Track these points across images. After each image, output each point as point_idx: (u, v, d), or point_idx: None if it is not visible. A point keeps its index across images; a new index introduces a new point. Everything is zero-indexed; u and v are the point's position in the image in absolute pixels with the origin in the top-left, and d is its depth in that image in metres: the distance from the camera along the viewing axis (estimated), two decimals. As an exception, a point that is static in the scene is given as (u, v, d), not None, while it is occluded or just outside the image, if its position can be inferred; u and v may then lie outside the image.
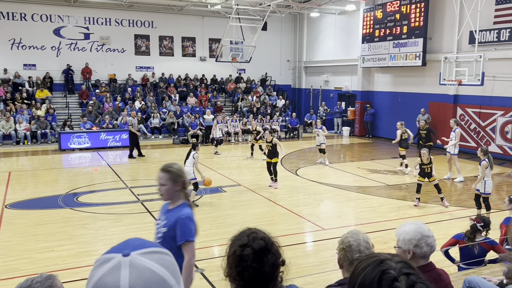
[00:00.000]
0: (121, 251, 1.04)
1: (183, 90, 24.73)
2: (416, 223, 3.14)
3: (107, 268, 1.01)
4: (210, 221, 9.49)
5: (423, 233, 3.03)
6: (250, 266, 1.89)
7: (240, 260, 1.91)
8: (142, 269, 1.00)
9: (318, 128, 15.81)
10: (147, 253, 1.05)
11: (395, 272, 1.15)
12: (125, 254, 1.03)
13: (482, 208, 9.55)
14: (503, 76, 16.14)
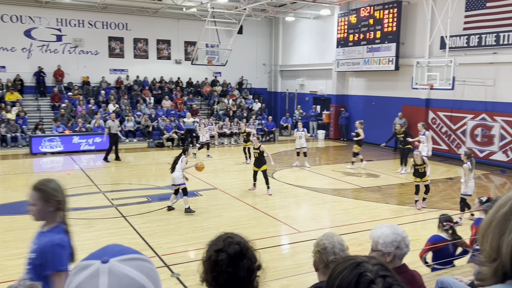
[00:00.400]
0: (100, 258, 1.02)
1: (158, 93, 24.50)
2: (391, 225, 3.19)
3: (85, 275, 0.99)
4: (186, 225, 9.42)
5: (401, 234, 3.09)
6: (225, 271, 1.88)
7: (215, 265, 1.91)
8: (121, 276, 0.98)
9: (300, 131, 15.88)
10: (127, 259, 1.03)
11: (371, 274, 1.16)
12: (104, 261, 1.00)
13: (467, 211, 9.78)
14: (473, 80, 16.60)
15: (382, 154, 18.95)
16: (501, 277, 1.35)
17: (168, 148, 20.10)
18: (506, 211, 1.36)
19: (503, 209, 1.38)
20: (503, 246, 1.33)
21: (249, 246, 1.95)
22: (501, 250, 1.33)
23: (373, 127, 21.17)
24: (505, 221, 1.35)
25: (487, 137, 16.44)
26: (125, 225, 9.33)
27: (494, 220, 1.39)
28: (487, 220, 1.41)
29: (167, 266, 7.23)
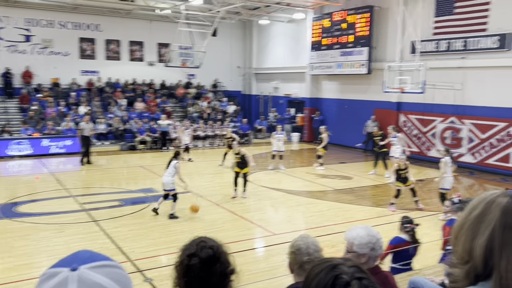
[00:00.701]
0: (69, 265, 0.98)
1: (131, 95, 24.16)
2: (366, 227, 3.21)
3: (53, 284, 0.95)
4: (159, 229, 9.29)
5: (376, 236, 3.12)
6: (198, 276, 1.85)
7: (187, 270, 1.87)
8: (91, 284, 0.95)
9: (279, 134, 15.88)
10: (97, 267, 0.99)
11: (347, 276, 1.16)
12: (73, 269, 0.97)
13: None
14: (442, 84, 17.01)
15: (354, 157, 19.20)
16: (473, 279, 1.37)
17: (141, 151, 19.82)
18: (478, 214, 1.37)
19: (475, 211, 1.39)
20: (475, 248, 1.34)
21: (222, 250, 1.92)
22: (474, 253, 1.34)
23: (346, 130, 21.45)
24: (478, 224, 1.36)
25: (456, 139, 16.87)
26: (96, 230, 9.13)
27: (466, 223, 1.40)
28: (460, 222, 1.42)
29: (140, 271, 7.11)
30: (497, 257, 1.30)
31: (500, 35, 15.14)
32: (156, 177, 14.45)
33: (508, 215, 1.32)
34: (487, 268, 1.33)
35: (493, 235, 1.32)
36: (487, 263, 1.32)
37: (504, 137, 15.34)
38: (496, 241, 1.31)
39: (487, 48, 15.56)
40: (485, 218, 1.35)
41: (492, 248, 1.31)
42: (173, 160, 10.19)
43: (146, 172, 15.44)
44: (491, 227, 1.33)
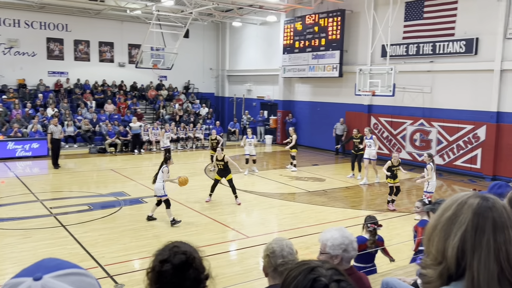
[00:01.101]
0: (33, 274, 0.92)
1: (101, 97, 23.70)
2: (340, 228, 3.21)
3: None
4: (130, 233, 9.11)
5: (349, 237, 3.12)
6: (170, 282, 1.80)
7: (159, 276, 1.82)
8: None
9: (250, 138, 15.76)
10: (62, 275, 0.94)
11: (326, 279, 1.16)
12: (37, 278, 0.91)
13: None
14: (412, 87, 17.38)
15: (327, 159, 19.39)
16: (446, 279, 1.37)
17: (111, 154, 19.45)
18: (451, 215, 1.38)
19: (447, 212, 1.40)
20: (448, 249, 1.35)
21: (196, 255, 1.86)
22: (446, 253, 1.35)
23: (319, 132, 21.64)
24: (450, 225, 1.37)
25: (425, 141, 17.25)
26: (65, 235, 8.87)
27: (439, 224, 1.41)
28: (433, 223, 1.44)
29: (111, 276, 6.94)
30: (469, 258, 1.31)
31: (467, 40, 15.59)
32: (127, 181, 14.21)
33: (479, 216, 1.33)
34: (460, 269, 1.34)
35: (465, 236, 1.33)
36: (460, 264, 1.33)
37: (471, 139, 15.78)
38: (468, 242, 1.32)
39: (454, 53, 16.00)
40: (457, 219, 1.36)
41: (464, 249, 1.33)
42: (162, 165, 9.91)
43: (116, 175, 15.15)
44: (463, 228, 1.34)
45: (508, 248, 1.31)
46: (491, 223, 1.33)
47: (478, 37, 15.34)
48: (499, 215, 1.34)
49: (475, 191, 1.46)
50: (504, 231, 1.33)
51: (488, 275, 1.29)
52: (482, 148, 15.43)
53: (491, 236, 1.31)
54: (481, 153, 15.49)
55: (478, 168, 15.58)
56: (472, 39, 15.41)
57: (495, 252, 1.30)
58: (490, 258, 1.30)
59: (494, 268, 1.29)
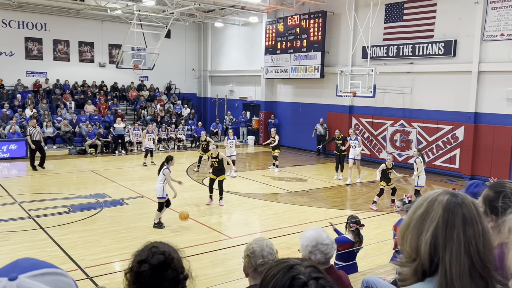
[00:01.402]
0: (8, 274, 0.90)
1: (80, 98, 23.38)
2: (316, 229, 3.24)
3: None
4: (110, 235, 9.00)
5: (318, 240, 3.13)
6: (148, 283, 1.79)
7: (137, 276, 1.80)
8: None
9: (231, 139, 15.56)
10: (38, 275, 0.92)
11: (304, 277, 1.17)
12: (12, 278, 0.89)
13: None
14: (392, 88, 17.60)
15: (309, 159, 19.49)
16: (421, 276, 1.42)
17: (91, 155, 19.20)
18: (423, 212, 1.43)
19: (419, 210, 1.45)
20: (421, 245, 1.40)
21: (175, 256, 1.85)
22: (420, 250, 1.40)
23: (301, 133, 21.74)
24: (422, 221, 1.42)
25: (405, 142, 17.48)
26: (44, 237, 8.72)
27: (412, 222, 1.46)
28: (406, 222, 1.49)
29: (90, 278, 6.85)
30: (441, 252, 1.36)
31: (445, 42, 15.86)
32: (107, 182, 14.05)
33: (449, 211, 1.39)
34: (433, 264, 1.39)
35: (437, 232, 1.38)
36: (433, 259, 1.38)
37: (450, 139, 16.06)
38: (440, 237, 1.37)
39: (433, 54, 16.26)
40: (428, 216, 1.42)
41: (436, 244, 1.38)
42: (163, 165, 9.74)
43: (96, 177, 14.96)
44: (434, 224, 1.39)
45: (477, 242, 1.36)
46: (460, 218, 1.38)
47: (457, 39, 15.63)
48: (468, 211, 1.39)
49: (445, 189, 1.51)
50: (473, 225, 1.38)
51: (460, 268, 1.34)
52: (461, 148, 15.72)
53: (461, 230, 1.37)
54: (460, 153, 15.77)
55: (457, 168, 15.86)
56: (451, 41, 15.70)
57: (466, 245, 1.35)
58: (461, 251, 1.34)
59: (465, 261, 1.34)
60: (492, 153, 14.88)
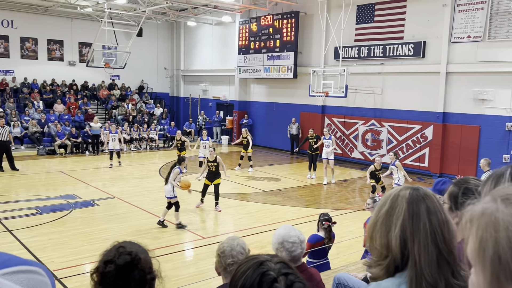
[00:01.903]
0: None
1: (49, 97, 22.81)
2: (286, 227, 3.26)
3: None
4: (81, 237, 8.82)
5: (284, 237, 3.15)
6: (114, 283, 1.75)
7: (103, 277, 1.77)
8: None
9: (205, 140, 15.28)
10: (11, 273, 0.87)
11: (274, 273, 1.17)
12: None
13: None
14: (363, 89, 17.87)
15: (282, 159, 19.58)
16: (393, 272, 1.44)
17: (61, 156, 18.76)
18: (388, 209, 1.48)
19: (384, 207, 1.50)
20: (391, 241, 1.44)
21: (141, 256, 1.81)
22: (391, 246, 1.43)
23: (274, 133, 21.82)
24: (389, 218, 1.47)
25: (376, 141, 17.78)
26: (11, 240, 8.47)
27: (378, 220, 1.50)
28: (372, 222, 1.53)
29: (59, 280, 6.70)
30: (410, 244, 1.41)
31: (415, 43, 16.21)
32: (77, 183, 13.76)
33: (413, 204, 1.45)
34: (404, 258, 1.43)
35: (404, 224, 1.43)
36: (404, 253, 1.43)
37: (419, 138, 16.43)
38: (407, 229, 1.43)
39: (403, 55, 16.59)
40: (394, 211, 1.47)
41: (405, 237, 1.43)
42: (175, 165, 9.64)
43: (66, 177, 14.63)
44: (401, 218, 1.45)
45: (443, 230, 1.43)
46: (425, 209, 1.44)
47: (426, 40, 15.99)
48: (430, 201, 1.46)
49: (405, 185, 1.58)
50: (437, 214, 1.44)
51: (428, 257, 1.39)
52: (430, 147, 16.10)
53: (426, 220, 1.43)
54: (429, 152, 16.15)
55: (426, 166, 16.24)
56: (420, 42, 16.05)
57: (432, 234, 1.41)
58: (428, 241, 1.40)
59: (433, 250, 1.40)
60: (459, 151, 15.30)
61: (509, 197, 0.68)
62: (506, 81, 14.01)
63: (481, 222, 0.69)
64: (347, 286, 3.48)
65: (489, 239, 0.67)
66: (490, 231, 0.67)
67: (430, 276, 1.37)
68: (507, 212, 0.67)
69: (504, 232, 0.65)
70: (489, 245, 0.67)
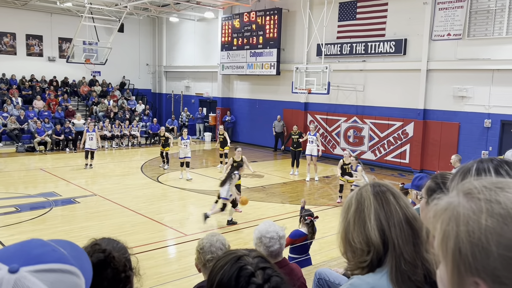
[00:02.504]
0: (11, 261, 0.79)
1: (28, 93, 22.41)
2: (266, 223, 3.28)
3: None
4: (61, 235, 8.69)
5: (262, 232, 3.17)
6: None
7: None
8: None
9: (186, 139, 14.78)
10: (42, 271, 0.81)
11: (252, 267, 1.18)
12: (12, 270, 0.78)
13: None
14: (345, 86, 18.00)
15: (265, 155, 19.61)
16: (376, 265, 1.46)
17: (40, 153, 18.46)
18: (356, 207, 1.53)
19: (352, 207, 1.54)
20: (370, 233, 1.46)
21: (115, 254, 1.77)
22: (371, 238, 1.45)
23: (257, 129, 21.83)
24: (360, 214, 1.51)
25: (358, 138, 17.94)
26: (-12, 239, 8.32)
27: (350, 221, 1.53)
28: (343, 225, 1.55)
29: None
30: (387, 230, 1.46)
31: (396, 41, 16.38)
32: (58, 180, 13.57)
33: (378, 194, 1.52)
34: (386, 246, 1.46)
35: (377, 214, 1.48)
36: (384, 241, 1.46)
37: (400, 135, 16.63)
38: (381, 216, 1.47)
39: (385, 53, 16.75)
40: (363, 206, 1.51)
41: (382, 225, 1.46)
42: (234, 170, 10.07)
43: (46, 175, 14.41)
44: (372, 209, 1.49)
45: (411, 209, 1.51)
46: (390, 195, 1.52)
47: (407, 38, 16.17)
48: (391, 188, 1.55)
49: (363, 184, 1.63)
50: (402, 198, 1.53)
51: (405, 236, 1.45)
52: (411, 143, 16.31)
53: (395, 203, 1.50)
54: (410, 148, 16.36)
55: (407, 162, 16.45)
56: (401, 39, 16.22)
57: (404, 215, 1.48)
58: (402, 221, 1.47)
59: (408, 229, 1.46)
60: (439, 148, 15.54)
61: (471, 191, 0.70)
62: (485, 78, 14.28)
63: (445, 217, 0.71)
64: (328, 281, 3.50)
65: (451, 232, 0.69)
66: (452, 225, 0.69)
67: (408, 255, 1.43)
68: (468, 207, 0.69)
69: (464, 226, 0.67)
70: (451, 239, 0.69)
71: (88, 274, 0.96)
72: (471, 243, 0.66)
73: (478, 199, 0.67)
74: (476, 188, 0.69)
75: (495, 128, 14.27)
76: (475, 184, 0.70)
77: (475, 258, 0.65)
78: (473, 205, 0.68)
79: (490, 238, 0.64)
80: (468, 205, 0.68)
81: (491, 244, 0.64)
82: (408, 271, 1.41)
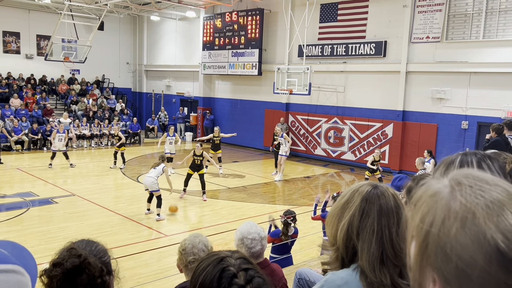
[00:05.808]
0: None
1: (5, 91, 21.91)
2: (247, 224, 3.28)
3: None
4: (38, 236, 8.55)
5: (244, 234, 3.17)
6: (61, 287, 1.68)
7: (49, 281, 1.69)
8: None
9: (172, 136, 14.87)
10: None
11: (234, 268, 1.18)
12: None
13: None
14: (326, 87, 18.13)
15: (247, 156, 19.62)
16: (341, 262, 1.49)
17: (17, 152, 18.08)
18: (344, 201, 1.52)
19: (342, 199, 1.54)
20: (338, 232, 1.48)
21: (91, 260, 1.73)
22: (337, 236, 1.47)
23: (239, 130, 21.78)
24: (343, 210, 1.51)
25: (339, 138, 18.09)
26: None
27: (335, 210, 1.55)
28: (331, 211, 1.58)
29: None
30: (355, 239, 1.44)
31: (376, 43, 16.58)
32: (35, 180, 13.32)
33: (367, 201, 1.47)
34: (349, 251, 1.46)
35: (352, 219, 1.46)
36: (348, 246, 1.46)
37: (380, 136, 16.83)
38: (354, 224, 1.45)
39: (365, 54, 16.93)
40: (348, 205, 1.50)
41: (350, 232, 1.45)
42: (162, 162, 10.38)
43: (23, 174, 14.12)
44: (351, 213, 1.47)
45: (391, 231, 1.43)
46: (377, 208, 1.45)
47: (387, 40, 16.38)
48: (385, 202, 1.47)
49: (370, 181, 1.61)
50: (388, 215, 1.45)
51: (369, 255, 1.41)
52: (390, 144, 16.53)
53: (375, 220, 1.44)
54: (389, 149, 16.58)
55: (386, 163, 16.65)
56: (381, 41, 16.42)
57: (378, 234, 1.42)
58: (373, 240, 1.42)
59: (376, 249, 1.41)
60: (418, 149, 15.77)
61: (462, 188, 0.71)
62: (462, 81, 14.57)
63: (428, 204, 0.73)
64: (309, 281, 3.53)
65: (426, 223, 0.70)
66: (430, 217, 0.70)
67: (370, 273, 1.39)
68: (448, 207, 0.71)
69: (437, 225, 0.69)
70: (423, 231, 0.70)
71: (33, 270, 0.95)
72: (438, 245, 0.67)
73: (460, 203, 0.69)
74: (467, 186, 0.70)
75: (472, 129, 14.57)
76: (467, 183, 0.71)
77: (436, 258, 0.67)
78: (453, 206, 0.69)
79: (455, 248, 0.65)
80: (450, 205, 0.69)
81: (453, 254, 0.65)
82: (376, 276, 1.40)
